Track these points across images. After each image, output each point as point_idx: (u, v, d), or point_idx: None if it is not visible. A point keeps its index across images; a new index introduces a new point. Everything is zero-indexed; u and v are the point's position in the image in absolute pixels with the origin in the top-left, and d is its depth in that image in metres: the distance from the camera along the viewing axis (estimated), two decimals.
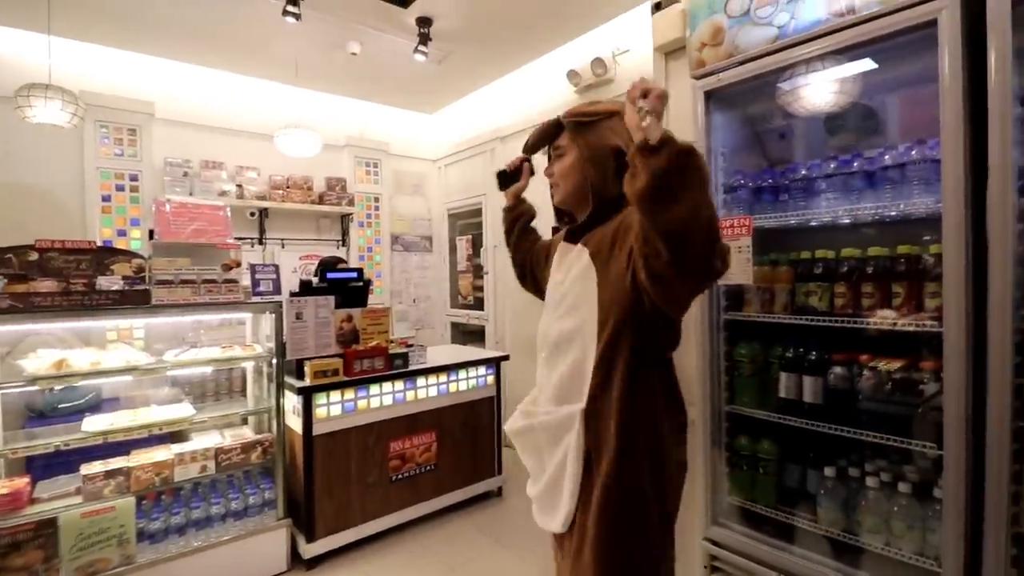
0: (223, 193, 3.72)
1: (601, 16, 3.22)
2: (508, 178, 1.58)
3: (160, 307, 2.25)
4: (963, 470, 1.31)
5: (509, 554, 2.67)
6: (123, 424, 2.26)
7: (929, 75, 1.49)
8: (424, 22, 3.10)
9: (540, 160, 1.42)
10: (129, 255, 2.34)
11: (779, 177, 1.85)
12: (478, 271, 4.57)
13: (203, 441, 2.56)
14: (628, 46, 3.18)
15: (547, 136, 1.28)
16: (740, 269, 1.72)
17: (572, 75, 3.44)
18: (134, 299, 2.20)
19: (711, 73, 1.78)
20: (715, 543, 1.88)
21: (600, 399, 1.11)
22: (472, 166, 4.60)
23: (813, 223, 1.78)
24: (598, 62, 3.27)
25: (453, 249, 4.95)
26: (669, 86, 2.05)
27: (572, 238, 1.27)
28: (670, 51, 2.01)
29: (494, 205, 4.31)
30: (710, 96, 1.82)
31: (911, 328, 1.46)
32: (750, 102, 1.91)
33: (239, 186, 3.82)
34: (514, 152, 4.33)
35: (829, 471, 1.67)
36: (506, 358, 3.36)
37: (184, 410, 2.46)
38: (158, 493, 2.41)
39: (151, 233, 2.36)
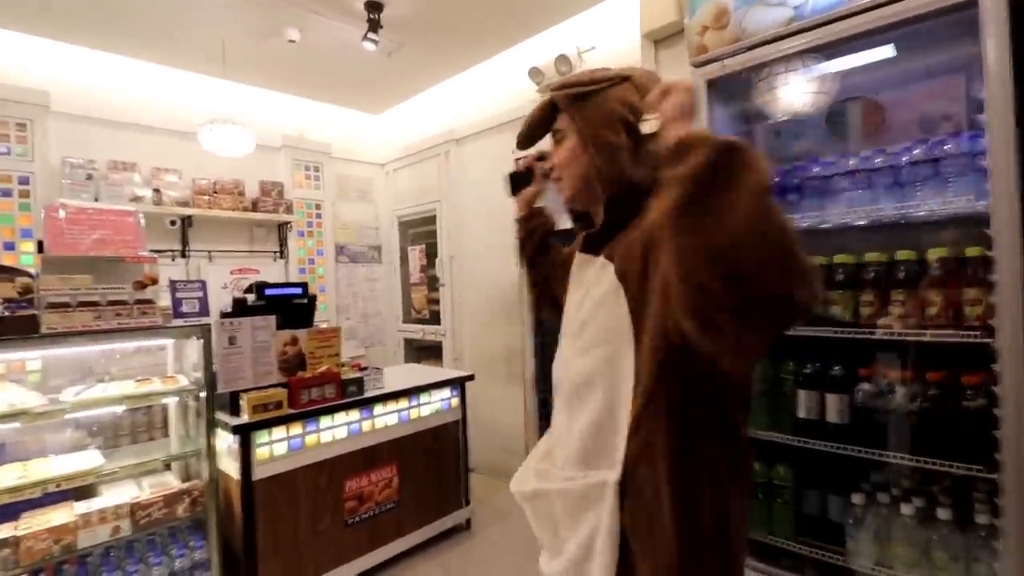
0: (137, 199, 3.22)
1: (566, 10, 3.04)
2: (520, 181, 1.29)
3: (52, 336, 1.80)
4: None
5: None
6: (9, 483, 1.80)
7: (955, 65, 1.38)
8: (374, 7, 2.79)
9: None
10: (12, 272, 1.88)
11: (787, 176, 1.70)
12: (433, 283, 4.26)
13: (116, 495, 2.11)
14: (594, 43, 3.01)
15: (543, 120, 1.00)
16: None
17: (535, 73, 3.24)
18: (17, 327, 1.75)
19: (714, 60, 1.61)
20: None
21: (641, 468, 0.83)
22: (424, 170, 4.29)
23: (826, 225, 1.64)
24: (562, 59, 3.08)
25: (404, 260, 4.60)
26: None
27: (591, 247, 0.99)
28: (661, 38, 1.83)
29: (449, 212, 4.03)
30: (712, 86, 1.65)
31: (953, 339, 1.32)
32: (750, 93, 1.76)
33: (156, 191, 3.32)
34: (470, 155, 4.06)
35: (857, 498, 1.52)
36: (471, 378, 3.07)
37: (90, 459, 2.01)
38: (58, 564, 1.94)
39: (39, 245, 1.91)
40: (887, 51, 1.46)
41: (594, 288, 0.94)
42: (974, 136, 1.32)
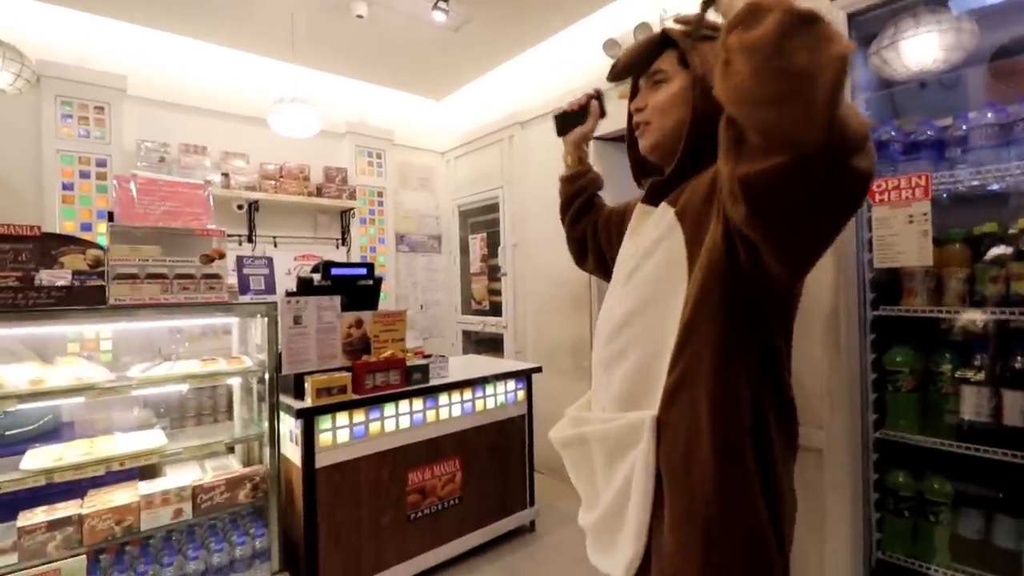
0: (207, 182, 3.22)
1: None
2: (570, 120, 1.26)
3: (120, 308, 1.74)
4: None
5: None
6: (74, 459, 1.76)
7: None
8: None
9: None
10: (84, 244, 1.84)
11: (940, 130, 1.41)
12: (494, 273, 4.10)
13: (178, 477, 2.05)
14: (679, 6, 2.76)
15: (646, 56, 0.95)
16: (913, 246, 1.27)
17: (610, 45, 3.01)
18: (86, 298, 1.70)
19: None
20: None
21: (680, 403, 0.82)
22: (486, 156, 4.14)
23: (995, 187, 1.34)
24: (643, 27, 2.84)
25: (465, 249, 4.47)
26: None
27: (653, 198, 0.97)
28: None
29: (512, 199, 3.86)
30: (852, 20, 1.38)
31: None
32: (894, 35, 1.47)
33: (225, 175, 3.32)
34: (537, 138, 3.88)
35: None
36: (538, 370, 2.88)
37: (154, 439, 1.96)
38: (121, 545, 1.90)
39: (110, 216, 1.86)
40: None
41: (650, 233, 0.93)
42: None
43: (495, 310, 4.09)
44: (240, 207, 3.46)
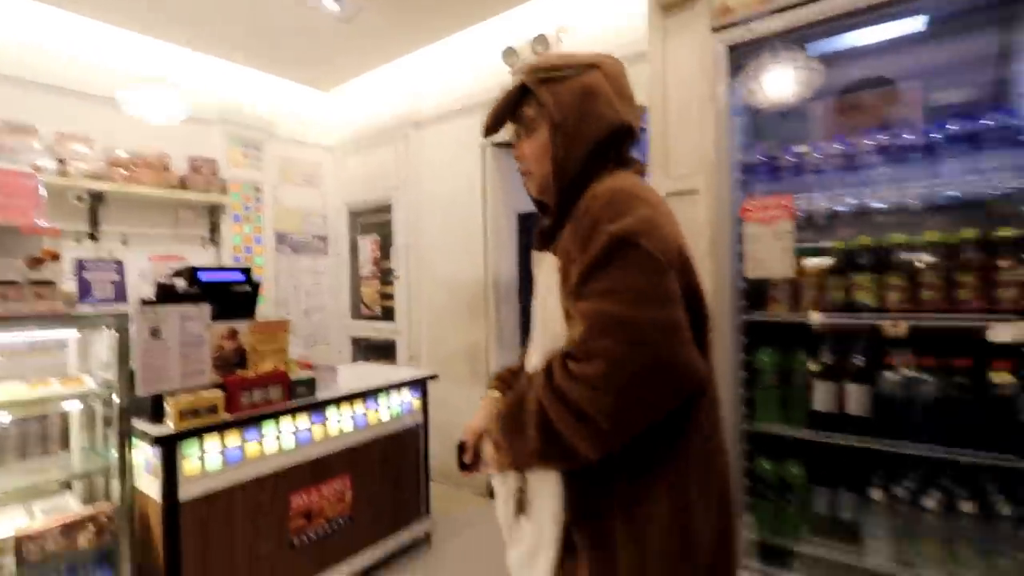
0: (37, 169, 2.71)
1: None
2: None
3: None
4: None
5: None
6: None
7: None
8: None
9: None
10: None
11: (798, 156, 1.59)
12: (386, 276, 3.95)
13: None
14: (573, 23, 2.85)
15: (510, 105, 0.94)
16: (778, 259, 1.42)
17: (508, 53, 3.04)
18: None
19: (739, 23, 1.47)
20: None
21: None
22: (380, 155, 3.98)
23: (840, 208, 1.54)
24: (540, 39, 2.90)
25: (355, 251, 4.25)
26: (666, 48, 1.72)
27: (541, 243, 0.96)
28: (673, 3, 1.68)
29: (406, 200, 3.74)
30: (732, 51, 1.51)
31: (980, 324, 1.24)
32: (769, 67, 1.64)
33: (61, 161, 2.82)
34: (432, 140, 3.79)
35: (877, 494, 1.42)
36: (434, 377, 2.81)
37: None
38: None
39: None
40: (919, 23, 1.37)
41: (544, 281, 0.91)
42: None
43: (387, 315, 3.94)
44: (80, 199, 2.96)
